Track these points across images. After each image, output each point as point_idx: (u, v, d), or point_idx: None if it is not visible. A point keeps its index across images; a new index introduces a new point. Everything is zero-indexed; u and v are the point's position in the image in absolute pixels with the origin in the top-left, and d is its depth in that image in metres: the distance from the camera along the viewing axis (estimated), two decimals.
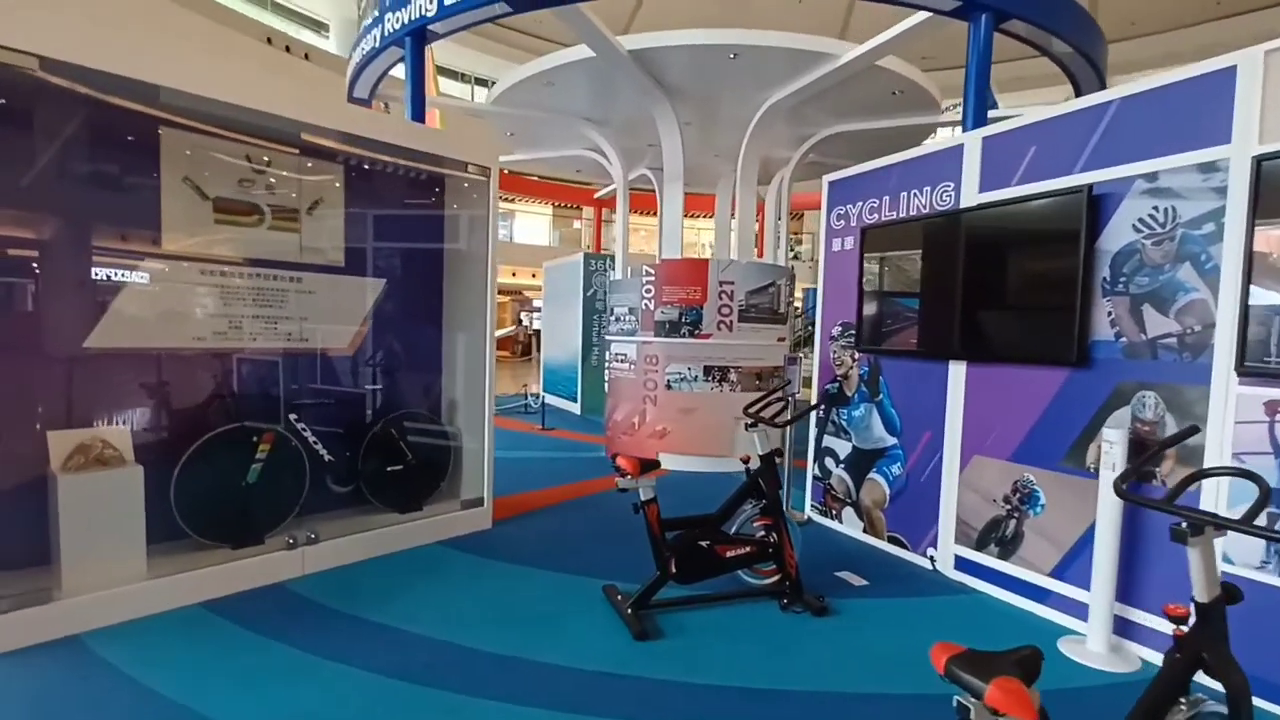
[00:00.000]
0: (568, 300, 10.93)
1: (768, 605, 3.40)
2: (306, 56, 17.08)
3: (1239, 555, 2.58)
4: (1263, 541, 2.51)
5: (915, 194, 4.21)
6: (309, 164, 3.92)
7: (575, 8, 5.33)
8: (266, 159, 3.77)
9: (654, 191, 10.04)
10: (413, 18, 5.80)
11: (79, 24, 2.85)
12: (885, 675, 2.75)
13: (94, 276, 3.29)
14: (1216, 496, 2.66)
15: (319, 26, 20.04)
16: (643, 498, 3.21)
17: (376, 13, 6.47)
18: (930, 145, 4.25)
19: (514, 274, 22.47)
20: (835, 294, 4.88)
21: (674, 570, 3.20)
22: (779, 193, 10.02)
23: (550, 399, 10.31)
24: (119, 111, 3.26)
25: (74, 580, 2.95)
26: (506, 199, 20.77)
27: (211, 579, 3.31)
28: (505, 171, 4.56)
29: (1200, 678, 1.75)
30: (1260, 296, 2.52)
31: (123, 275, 3.35)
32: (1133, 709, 1.70)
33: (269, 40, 16.31)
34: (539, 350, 13.53)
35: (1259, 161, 2.51)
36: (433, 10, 5.59)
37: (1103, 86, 6.97)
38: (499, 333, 5.05)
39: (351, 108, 4.15)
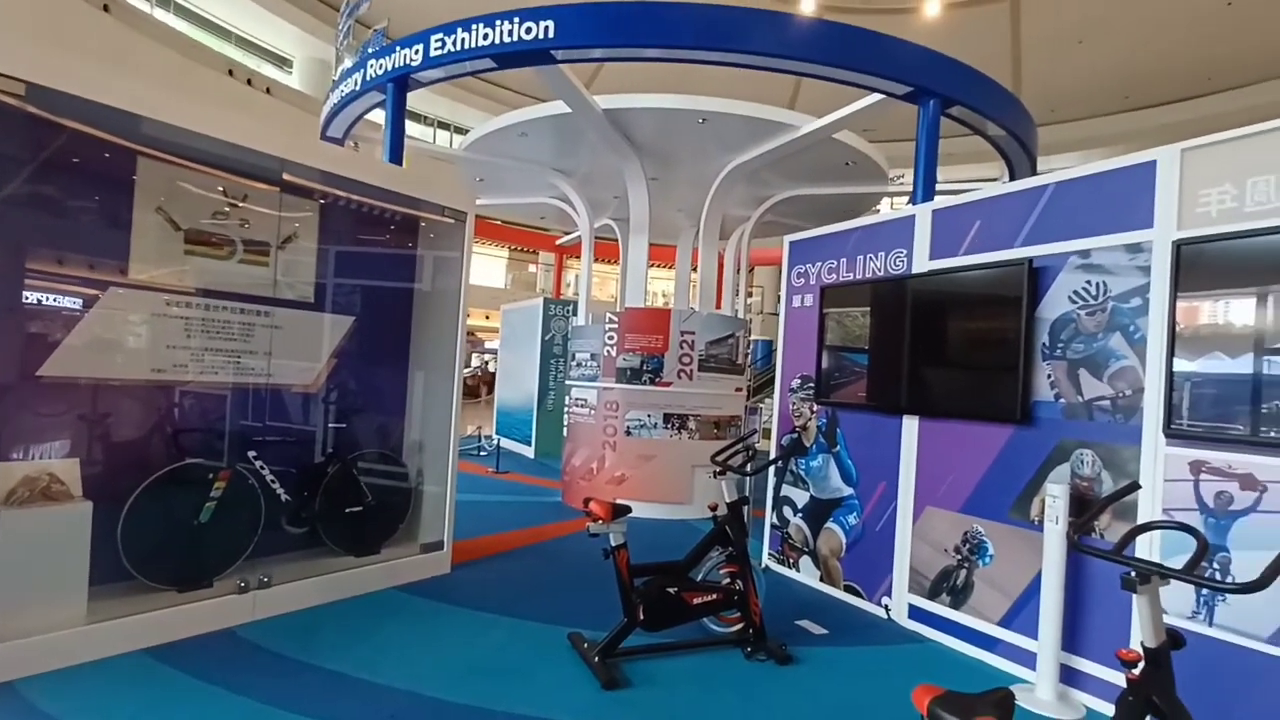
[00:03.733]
0: (525, 344, 10.94)
1: (732, 654, 3.44)
2: (268, 91, 16.98)
3: (1172, 606, 2.77)
4: (1193, 593, 2.73)
5: (871, 258, 4.49)
6: (285, 200, 3.92)
7: (556, 68, 5.56)
8: (244, 193, 3.76)
9: (616, 240, 10.28)
10: (396, 65, 5.93)
11: (63, 53, 2.85)
12: None
13: (53, 302, 3.18)
14: (1151, 549, 2.88)
15: (282, 62, 19.99)
16: (613, 543, 3.24)
17: (357, 58, 6.59)
18: (885, 214, 4.56)
19: (468, 314, 22.30)
20: (795, 348, 5.09)
21: (642, 617, 3.21)
22: (738, 248, 10.41)
23: (503, 442, 10.20)
24: (96, 141, 3.23)
25: (8, 623, 2.75)
26: None
27: (155, 624, 3.14)
28: None
29: None
30: (1182, 365, 2.80)
31: (85, 302, 3.25)
32: None
33: (230, 72, 16.17)
34: (490, 392, 13.41)
35: (1178, 246, 2.82)
36: (418, 60, 5.74)
37: (1034, 166, 7.62)
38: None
39: (336, 148, 4.20)
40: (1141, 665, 1.85)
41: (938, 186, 5.93)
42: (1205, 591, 2.71)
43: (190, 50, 15.47)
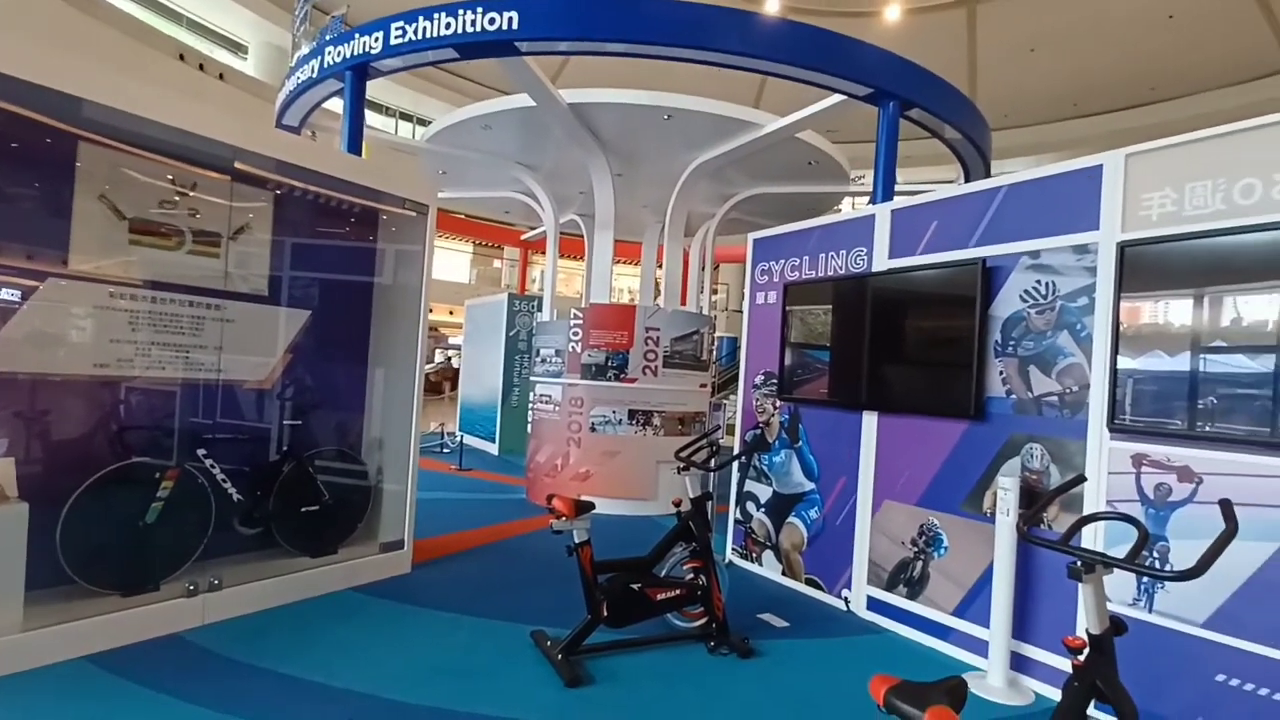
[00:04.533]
0: (489, 340, 10.83)
1: (695, 648, 3.46)
2: (221, 77, 16.41)
3: (1114, 594, 2.88)
4: (1134, 581, 2.84)
5: (833, 255, 4.56)
6: (238, 189, 3.79)
7: (520, 60, 5.50)
8: (194, 182, 3.63)
9: (581, 236, 10.23)
10: (355, 53, 5.78)
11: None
12: (813, 715, 2.86)
13: None
14: (1095, 539, 2.99)
15: (237, 48, 19.34)
16: (577, 540, 3.23)
17: (315, 44, 6.40)
18: (846, 213, 4.64)
19: (431, 309, 21.97)
20: (758, 344, 5.14)
21: (605, 614, 3.21)
22: (703, 245, 10.46)
23: (467, 438, 10.07)
24: (34, 125, 3.07)
25: None
26: None
27: (98, 630, 3.02)
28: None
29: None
30: (1125, 363, 2.91)
31: (22, 293, 3.09)
32: None
33: (181, 57, 15.57)
34: (453, 389, 13.25)
35: (1122, 247, 2.93)
36: (377, 49, 5.60)
37: (988, 169, 7.83)
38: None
39: (291, 137, 4.09)
40: (1086, 651, 1.91)
41: (897, 187, 6.05)
42: (1145, 579, 2.83)
43: (139, 33, 14.85)
